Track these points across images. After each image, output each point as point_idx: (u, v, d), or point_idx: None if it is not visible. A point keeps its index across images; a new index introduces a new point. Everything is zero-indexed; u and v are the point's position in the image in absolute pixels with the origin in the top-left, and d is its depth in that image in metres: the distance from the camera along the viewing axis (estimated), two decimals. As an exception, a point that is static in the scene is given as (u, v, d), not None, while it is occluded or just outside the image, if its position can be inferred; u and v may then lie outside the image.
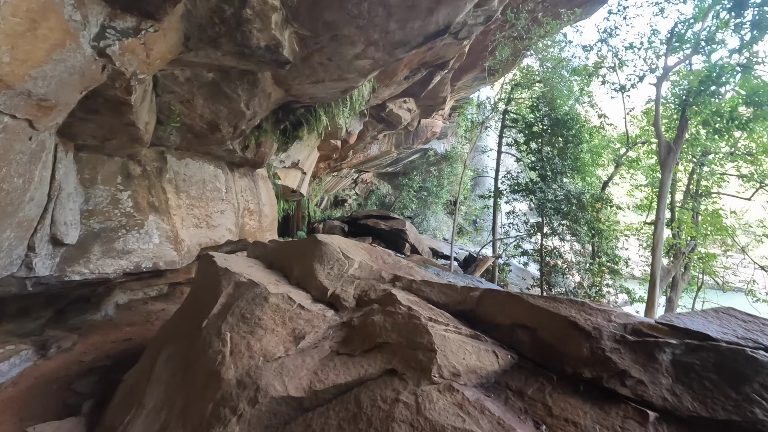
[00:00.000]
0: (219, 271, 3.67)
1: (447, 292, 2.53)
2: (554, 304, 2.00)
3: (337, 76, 4.54)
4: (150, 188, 5.05)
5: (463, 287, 2.46)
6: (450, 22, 3.79)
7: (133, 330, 6.10)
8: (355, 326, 2.50)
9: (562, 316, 1.89)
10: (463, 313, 2.42)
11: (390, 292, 2.65)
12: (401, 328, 2.15)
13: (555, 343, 1.84)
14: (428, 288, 2.64)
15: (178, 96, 4.25)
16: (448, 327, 2.08)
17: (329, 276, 3.39)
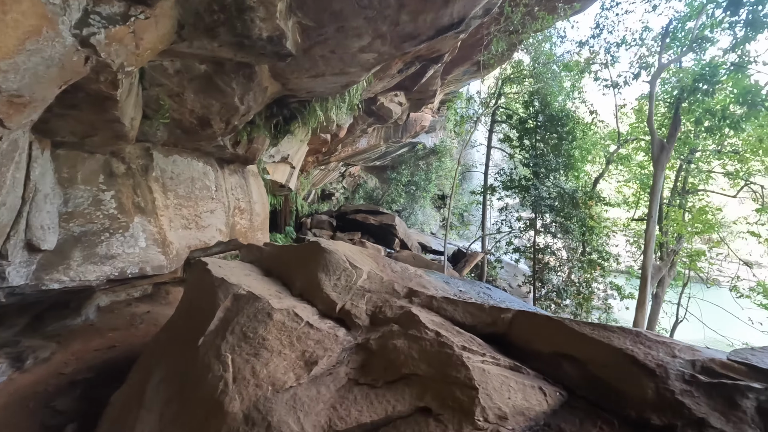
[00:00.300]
0: (215, 281, 3.39)
1: (473, 312, 2.31)
2: (604, 332, 1.80)
3: (339, 70, 4.26)
4: (135, 187, 4.70)
5: (492, 307, 2.25)
6: (465, 15, 3.55)
7: (116, 335, 5.73)
8: (373, 350, 2.28)
9: (615, 347, 1.70)
10: (492, 336, 2.21)
11: (410, 311, 2.42)
12: (431, 358, 1.93)
13: (611, 380, 1.65)
14: (451, 306, 2.42)
15: (167, 89, 3.91)
16: (485, 357, 1.87)
17: (336, 288, 3.14)
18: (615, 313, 12.22)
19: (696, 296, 13.26)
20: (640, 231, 14.90)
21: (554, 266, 11.23)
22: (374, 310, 2.74)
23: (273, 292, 3.31)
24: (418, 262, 13.76)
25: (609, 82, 13.34)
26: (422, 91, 13.84)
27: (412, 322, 2.27)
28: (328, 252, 3.46)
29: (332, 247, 3.56)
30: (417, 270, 3.77)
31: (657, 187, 10.57)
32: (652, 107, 10.68)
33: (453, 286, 3.81)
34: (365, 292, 3.00)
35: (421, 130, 20.24)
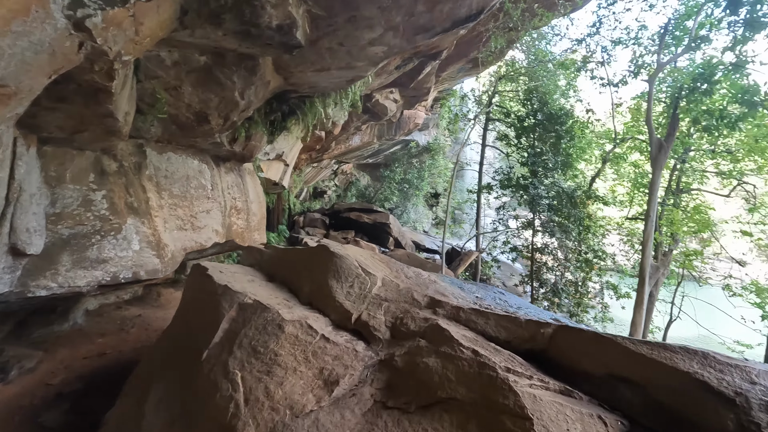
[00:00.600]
0: (217, 288, 3.16)
1: (508, 326, 2.13)
2: (664, 352, 1.63)
3: (345, 64, 4.03)
4: (128, 187, 4.42)
5: (529, 321, 2.07)
6: (486, 5, 3.36)
7: (106, 341, 5.45)
8: (399, 368, 2.08)
9: (681, 371, 1.53)
10: (530, 353, 2.04)
11: (437, 324, 2.23)
12: (471, 380, 1.75)
13: (680, 407, 1.48)
14: (482, 319, 2.24)
15: (163, 82, 3.64)
16: (532, 381, 1.69)
17: (349, 296, 2.94)
18: (611, 312, 12.21)
19: (689, 295, 13.32)
20: (633, 230, 14.93)
21: (552, 266, 11.15)
22: (394, 321, 2.54)
23: (280, 300, 3.10)
24: (412, 261, 13.62)
25: (605, 81, 13.28)
26: (417, 88, 13.68)
27: (442, 337, 2.08)
28: (339, 257, 3.25)
29: (342, 251, 3.36)
30: (430, 275, 3.58)
31: (655, 187, 10.54)
32: (650, 106, 10.63)
33: (468, 292, 3.64)
34: (382, 301, 2.81)
35: (414, 128, 20.09)
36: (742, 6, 9.02)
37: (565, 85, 14.42)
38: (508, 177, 12.26)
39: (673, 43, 10.80)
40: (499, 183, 12.59)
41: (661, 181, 12.43)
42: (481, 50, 12.21)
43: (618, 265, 13.37)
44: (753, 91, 9.25)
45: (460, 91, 21.96)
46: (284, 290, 3.45)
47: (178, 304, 3.90)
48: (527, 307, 3.70)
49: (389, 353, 2.24)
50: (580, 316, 11.22)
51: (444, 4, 3.12)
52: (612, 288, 12.39)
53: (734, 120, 9.70)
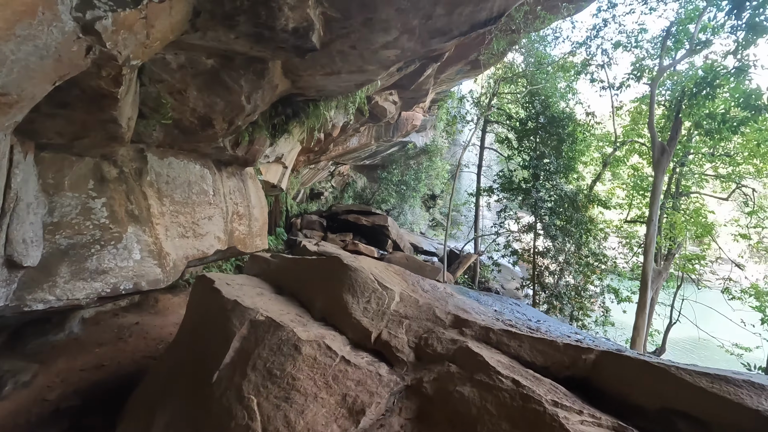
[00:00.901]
0: (226, 303, 3.00)
1: (544, 351, 2.01)
2: (727, 386, 1.51)
3: (356, 68, 3.90)
4: (128, 194, 4.25)
5: (568, 345, 1.95)
6: (507, 8, 3.24)
7: (104, 351, 5.26)
8: (429, 396, 1.95)
9: (749, 408, 1.41)
10: (571, 380, 1.91)
11: (467, 347, 2.10)
12: (515, 415, 1.61)
13: (751, 451, 1.35)
14: (515, 342, 2.11)
15: (168, 86, 3.48)
16: (583, 416, 1.56)
17: (367, 312, 2.80)
18: (612, 316, 12.17)
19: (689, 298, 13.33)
20: (632, 233, 14.92)
21: (554, 270, 11.07)
22: (418, 342, 2.41)
23: (293, 316, 2.95)
24: (411, 264, 13.51)
25: (606, 84, 13.26)
26: (416, 89, 13.60)
27: (475, 362, 1.95)
28: (353, 270, 3.11)
29: (356, 263, 3.22)
30: (446, 287, 3.45)
31: (657, 191, 10.49)
32: (653, 110, 10.59)
33: (485, 305, 3.51)
34: (402, 319, 2.67)
35: (412, 129, 19.99)
36: (746, 10, 8.99)
37: (564, 88, 14.39)
38: (510, 180, 12.17)
39: (675, 47, 10.78)
40: (501, 186, 12.50)
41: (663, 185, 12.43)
42: (482, 52, 12.13)
43: (618, 269, 13.34)
44: (756, 95, 9.22)
45: (457, 93, 21.93)
46: (295, 304, 3.31)
47: (183, 318, 3.74)
48: (545, 320, 3.59)
49: (416, 378, 2.11)
50: (582, 320, 11.17)
51: (464, 6, 2.99)
52: (613, 292, 12.36)
53: (737, 124, 9.68)
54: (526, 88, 14.27)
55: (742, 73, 9.35)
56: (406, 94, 14.38)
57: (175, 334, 3.82)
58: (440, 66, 13.47)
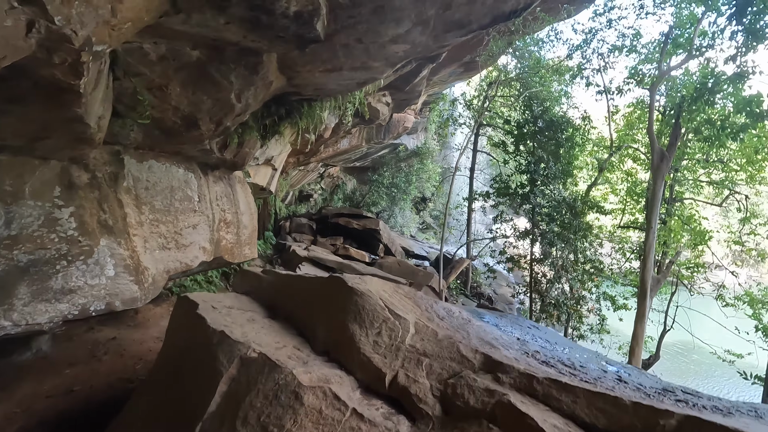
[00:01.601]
0: (211, 336, 2.57)
1: (607, 410, 1.63)
2: None
3: (360, 64, 3.50)
4: (101, 201, 3.77)
5: (639, 405, 1.57)
6: (533, 1, 2.89)
7: (75, 373, 4.72)
8: (468, 469, 1.57)
9: None
10: (644, 450, 1.53)
11: (509, 402, 1.71)
12: None
13: None
14: (568, 396, 1.73)
15: (147, 80, 3.03)
16: None
17: (378, 347, 2.40)
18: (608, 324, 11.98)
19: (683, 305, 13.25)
20: (625, 238, 14.82)
21: (552, 277, 10.80)
22: (444, 389, 2.01)
23: (291, 350, 2.53)
24: (403, 269, 13.18)
25: (602, 88, 13.12)
26: (409, 91, 13.32)
27: (525, 427, 1.57)
28: (360, 294, 2.70)
29: (362, 286, 2.80)
30: (461, 312, 3.07)
31: (657, 198, 10.32)
32: (652, 116, 10.41)
33: (504, 330, 3.14)
34: (420, 356, 2.27)
35: (403, 132, 19.71)
36: (747, 15, 8.85)
37: (558, 91, 14.23)
38: (507, 185, 11.89)
39: (674, 52, 10.63)
40: (497, 191, 12.21)
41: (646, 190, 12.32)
42: (479, 54, 11.85)
43: (614, 276, 13.19)
44: (756, 102, 9.09)
45: (450, 95, 21.78)
46: (292, 332, 2.89)
47: (162, 344, 3.29)
48: (571, 347, 3.23)
49: (447, 441, 1.72)
50: (578, 328, 10.94)
51: (489, -5, 2.63)
52: (609, 299, 12.18)
53: (736, 130, 9.55)
54: (519, 91, 14.08)
55: (742, 79, 9.21)
56: (399, 96, 14.09)
57: (155, 362, 3.36)
58: (434, 68, 13.18)
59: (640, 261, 10.99)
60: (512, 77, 14.82)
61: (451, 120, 18.33)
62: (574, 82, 13.96)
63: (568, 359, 2.63)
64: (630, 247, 14.44)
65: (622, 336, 13.49)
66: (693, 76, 10.07)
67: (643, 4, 11.67)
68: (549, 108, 11.22)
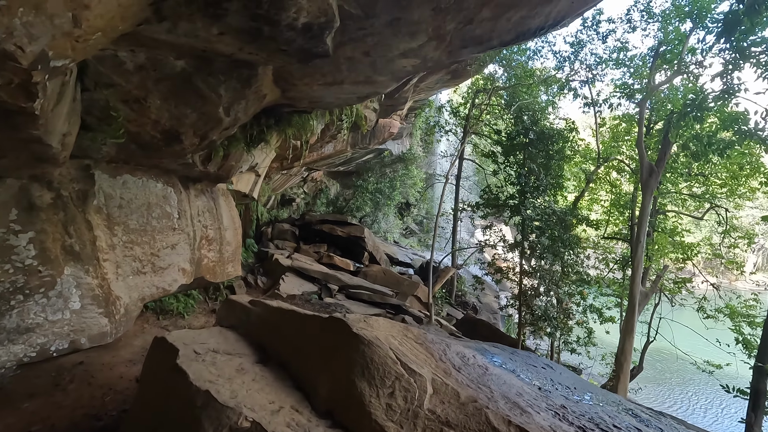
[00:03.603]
0: (194, 395, 2.18)
1: None
2: None
3: (364, 78, 3.18)
4: (67, 224, 3.32)
5: None
6: (565, 17, 2.63)
7: (35, 407, 4.20)
8: None
9: None
10: None
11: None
12: None
13: None
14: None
15: (122, 92, 2.63)
16: None
17: (391, 412, 2.07)
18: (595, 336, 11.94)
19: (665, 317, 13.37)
20: (609, 248, 14.93)
21: (541, 290, 10.67)
22: (477, 475, 1.70)
23: (288, 413, 2.17)
24: (389, 279, 12.92)
25: (589, 100, 13.17)
26: (397, 97, 13.12)
27: None
28: (367, 344, 2.37)
29: (369, 333, 2.47)
30: (476, 357, 2.77)
31: (645, 212, 10.35)
32: (641, 130, 10.44)
33: (521, 376, 2.86)
34: (443, 427, 1.95)
35: (389, 137, 19.51)
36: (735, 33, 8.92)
37: (546, 101, 14.24)
38: (496, 196, 11.72)
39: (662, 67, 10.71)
40: (486, 202, 12.03)
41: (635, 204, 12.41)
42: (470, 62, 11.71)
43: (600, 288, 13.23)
44: (743, 119, 9.19)
45: (436, 102, 21.76)
46: (288, 384, 2.52)
47: (134, 399, 2.87)
48: (590, 389, 2.97)
49: None
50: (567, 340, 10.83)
51: (516, 11, 2.34)
52: (596, 312, 12.18)
53: (722, 147, 9.65)
54: (505, 100, 14.02)
55: (731, 96, 9.29)
56: (386, 102, 13.88)
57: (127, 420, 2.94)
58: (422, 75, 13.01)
59: (630, 275, 11.00)
60: (499, 86, 14.79)
61: (438, 127, 18.20)
62: (562, 94, 13.98)
63: (600, 418, 2.36)
64: (613, 257, 14.54)
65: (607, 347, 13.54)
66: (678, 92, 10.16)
67: (630, 18, 11.77)
68: (540, 119, 11.12)
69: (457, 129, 16.17)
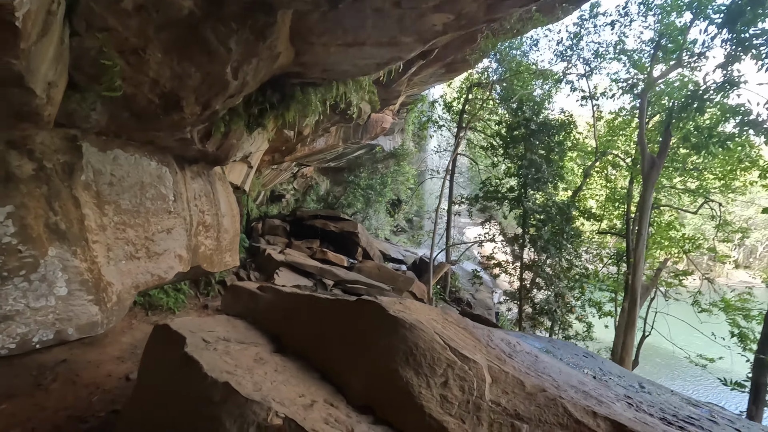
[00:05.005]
0: (210, 388, 1.83)
1: None
2: None
3: (388, 39, 2.85)
4: (51, 199, 2.91)
5: None
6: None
7: (14, 409, 3.75)
8: None
9: None
10: None
11: None
12: None
13: None
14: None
15: (118, 38, 2.25)
16: None
17: (449, 405, 1.75)
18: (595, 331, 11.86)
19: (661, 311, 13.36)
20: (604, 243, 14.89)
21: (542, 284, 10.50)
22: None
23: (323, 408, 1.84)
24: (384, 274, 12.64)
25: (587, 93, 13.07)
26: (391, 90, 12.86)
27: None
28: (409, 327, 2.04)
29: (408, 315, 2.14)
30: (520, 342, 2.47)
31: (647, 205, 10.22)
32: (643, 122, 10.33)
33: (571, 364, 2.58)
34: (513, 420, 1.65)
35: (381, 132, 19.25)
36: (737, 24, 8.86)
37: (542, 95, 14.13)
38: (496, 189, 11.51)
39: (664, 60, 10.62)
40: (485, 195, 11.83)
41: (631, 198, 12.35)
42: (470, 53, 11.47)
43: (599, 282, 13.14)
44: (744, 111, 9.13)
45: (429, 97, 21.60)
46: (313, 375, 2.19)
47: (133, 393, 2.49)
48: (637, 378, 2.71)
49: None
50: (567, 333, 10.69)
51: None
52: (595, 305, 12.08)
53: (724, 139, 9.58)
54: (499, 94, 13.85)
55: (733, 87, 9.22)
56: (380, 94, 13.60)
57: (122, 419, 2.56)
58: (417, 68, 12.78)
59: (626, 269, 10.90)
60: (494, 80, 14.62)
61: (431, 122, 17.99)
62: (558, 87, 13.87)
63: (670, 408, 2.08)
64: (608, 252, 14.49)
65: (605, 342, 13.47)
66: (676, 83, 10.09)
67: (628, 11, 11.68)
68: (541, 110, 10.94)
69: (451, 124, 15.94)
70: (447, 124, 17.21)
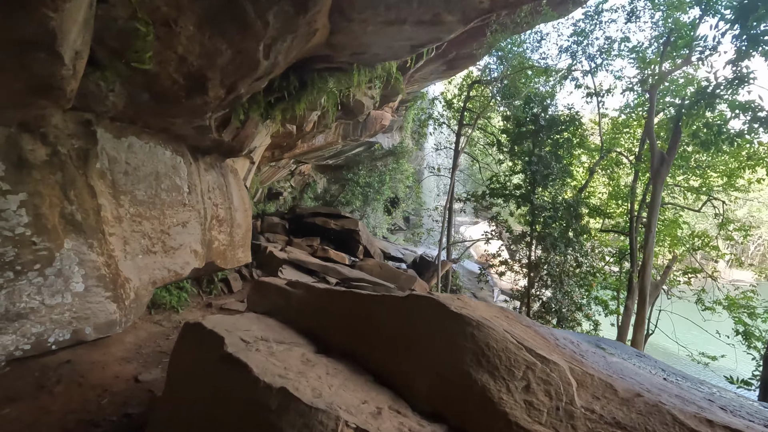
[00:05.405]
0: (264, 394, 1.62)
1: None
2: None
3: (431, 16, 2.66)
4: (66, 187, 2.68)
5: None
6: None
7: (17, 413, 3.50)
8: None
9: None
10: None
11: None
12: None
13: None
14: None
15: (149, 8, 2.03)
16: None
17: (536, 411, 1.56)
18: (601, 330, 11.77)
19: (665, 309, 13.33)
20: (606, 241, 14.84)
21: (551, 282, 10.37)
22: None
23: (392, 417, 1.65)
24: (385, 273, 12.45)
25: (592, 90, 12.98)
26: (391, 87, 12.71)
27: None
28: (475, 326, 1.84)
29: (471, 312, 1.95)
30: (580, 342, 2.29)
31: (656, 201, 10.13)
32: (652, 118, 10.23)
33: (638, 363, 2.40)
34: (615, 429, 1.46)
35: (380, 129, 19.07)
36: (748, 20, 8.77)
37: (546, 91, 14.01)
38: (503, 186, 11.36)
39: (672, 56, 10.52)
40: (491, 192, 11.66)
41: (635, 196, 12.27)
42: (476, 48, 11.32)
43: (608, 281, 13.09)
44: (756, 107, 9.05)
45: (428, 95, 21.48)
46: (365, 377, 1.99)
47: (163, 395, 2.26)
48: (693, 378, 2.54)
49: None
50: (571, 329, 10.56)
51: None
52: (602, 303, 12.00)
53: (733, 136, 9.51)
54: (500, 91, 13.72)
55: (742, 84, 9.14)
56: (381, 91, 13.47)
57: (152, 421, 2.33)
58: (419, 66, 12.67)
59: (630, 267, 10.81)
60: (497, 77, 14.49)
61: (431, 120, 17.86)
62: (561, 84, 13.76)
63: (755, 410, 1.92)
64: (610, 250, 14.44)
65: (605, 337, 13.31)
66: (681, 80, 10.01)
67: (634, 8, 11.59)
68: (548, 106, 10.79)
69: (452, 121, 15.79)
70: (447, 121, 17.06)
